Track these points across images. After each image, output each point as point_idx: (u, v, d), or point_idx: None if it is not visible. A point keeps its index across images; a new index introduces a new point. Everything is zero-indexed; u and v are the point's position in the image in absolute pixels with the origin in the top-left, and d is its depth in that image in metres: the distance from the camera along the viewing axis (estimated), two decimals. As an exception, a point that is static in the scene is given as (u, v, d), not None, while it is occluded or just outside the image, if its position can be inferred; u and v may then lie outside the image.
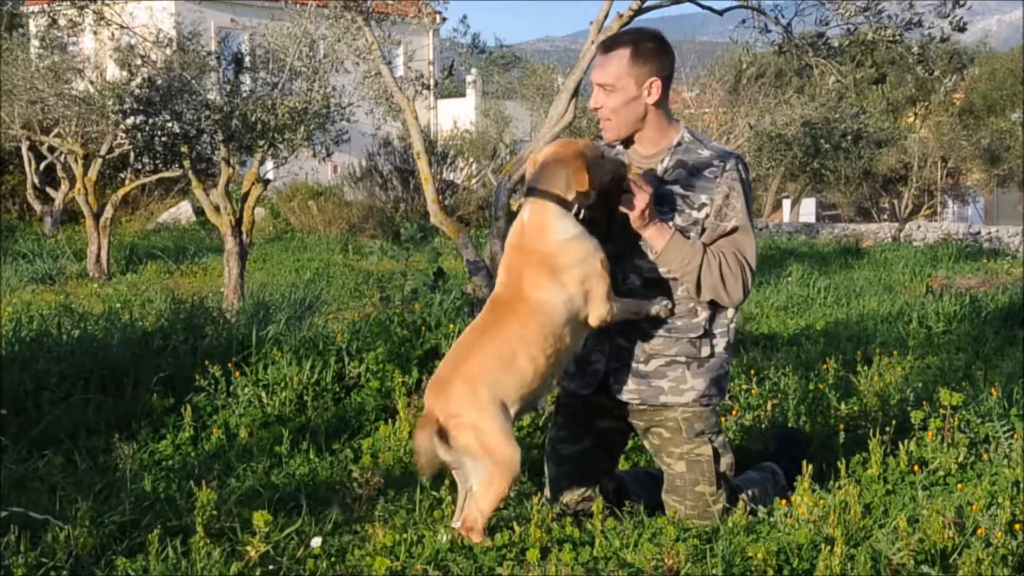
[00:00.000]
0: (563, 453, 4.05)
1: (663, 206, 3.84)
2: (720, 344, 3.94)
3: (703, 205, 3.86)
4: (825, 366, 5.65)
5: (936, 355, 7.60)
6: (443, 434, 3.48)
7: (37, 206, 21.03)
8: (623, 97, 3.83)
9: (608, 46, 3.88)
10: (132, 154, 13.10)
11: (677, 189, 3.86)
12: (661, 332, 3.88)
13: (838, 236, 24.40)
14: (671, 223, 3.82)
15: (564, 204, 3.61)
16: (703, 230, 3.86)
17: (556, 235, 3.59)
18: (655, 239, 3.78)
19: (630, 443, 4.40)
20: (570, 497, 3.99)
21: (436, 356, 5.23)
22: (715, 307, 3.92)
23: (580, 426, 4.04)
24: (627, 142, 3.96)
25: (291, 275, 15.38)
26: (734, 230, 3.86)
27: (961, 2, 7.19)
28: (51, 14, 12.07)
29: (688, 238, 3.83)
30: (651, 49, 3.86)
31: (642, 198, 3.71)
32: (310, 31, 11.11)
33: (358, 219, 22.76)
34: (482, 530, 3.48)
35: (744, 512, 3.77)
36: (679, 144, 3.91)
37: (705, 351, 3.91)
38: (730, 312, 3.94)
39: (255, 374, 5.21)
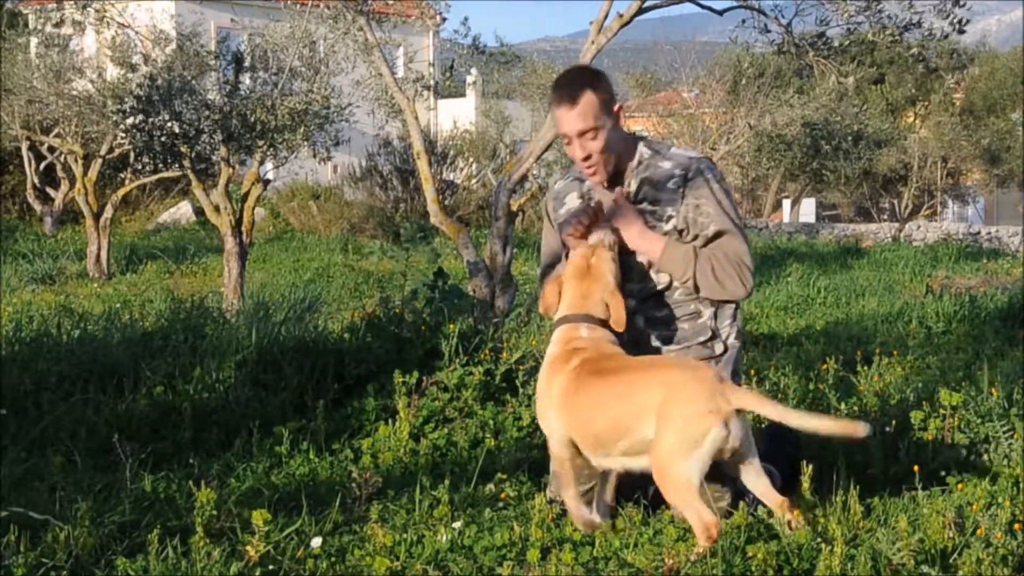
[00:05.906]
0: None
1: None
2: (731, 335, 3.98)
3: (670, 217, 3.90)
4: (825, 366, 5.64)
5: (936, 355, 7.59)
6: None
7: (37, 206, 21.03)
8: (606, 134, 3.84)
9: (570, 95, 3.79)
10: (132, 154, 13.09)
11: (645, 206, 3.91)
12: (672, 347, 3.92)
13: (838, 236, 24.39)
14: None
15: None
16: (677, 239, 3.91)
17: None
18: (651, 250, 3.84)
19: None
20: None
21: (436, 356, 5.22)
22: (717, 302, 3.94)
23: None
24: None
25: (291, 275, 15.38)
26: (717, 235, 3.87)
27: (961, 2, 7.21)
28: (49, 15, 12.07)
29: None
30: (602, 78, 3.91)
31: (631, 216, 3.80)
32: (310, 31, 11.12)
33: (358, 219, 22.77)
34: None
35: (744, 512, 3.76)
36: (639, 164, 3.95)
37: (719, 348, 3.95)
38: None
39: (255, 374, 5.20)
